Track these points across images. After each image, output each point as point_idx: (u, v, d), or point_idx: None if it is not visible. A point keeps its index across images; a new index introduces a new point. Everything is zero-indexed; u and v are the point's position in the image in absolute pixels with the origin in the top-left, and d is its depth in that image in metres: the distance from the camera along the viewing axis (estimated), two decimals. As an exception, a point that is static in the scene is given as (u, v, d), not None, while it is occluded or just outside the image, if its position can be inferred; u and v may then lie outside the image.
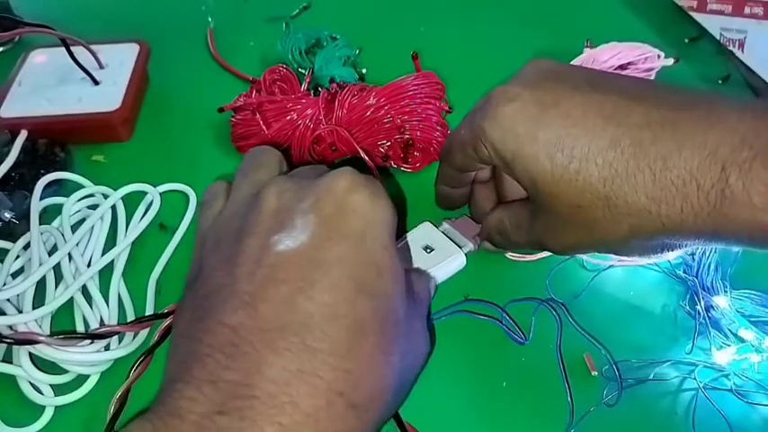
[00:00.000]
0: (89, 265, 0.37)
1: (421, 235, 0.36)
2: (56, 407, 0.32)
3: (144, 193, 0.40)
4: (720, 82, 0.49)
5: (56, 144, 0.43)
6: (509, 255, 0.37)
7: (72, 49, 0.44)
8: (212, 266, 0.26)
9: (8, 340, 0.32)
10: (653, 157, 0.25)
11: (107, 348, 0.34)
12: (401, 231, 0.36)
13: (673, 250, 0.27)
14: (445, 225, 0.37)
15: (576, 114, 0.26)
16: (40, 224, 0.37)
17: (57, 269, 0.36)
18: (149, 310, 0.36)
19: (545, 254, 0.37)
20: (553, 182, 0.27)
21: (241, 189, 0.29)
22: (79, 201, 0.39)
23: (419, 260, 0.35)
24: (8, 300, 0.34)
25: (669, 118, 0.25)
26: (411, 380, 0.28)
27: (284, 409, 0.22)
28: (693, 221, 0.24)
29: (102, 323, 0.35)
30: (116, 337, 0.34)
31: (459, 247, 0.35)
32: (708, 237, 0.25)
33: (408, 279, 0.28)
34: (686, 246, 0.27)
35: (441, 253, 0.35)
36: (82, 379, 0.33)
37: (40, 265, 0.35)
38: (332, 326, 0.23)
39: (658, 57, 0.46)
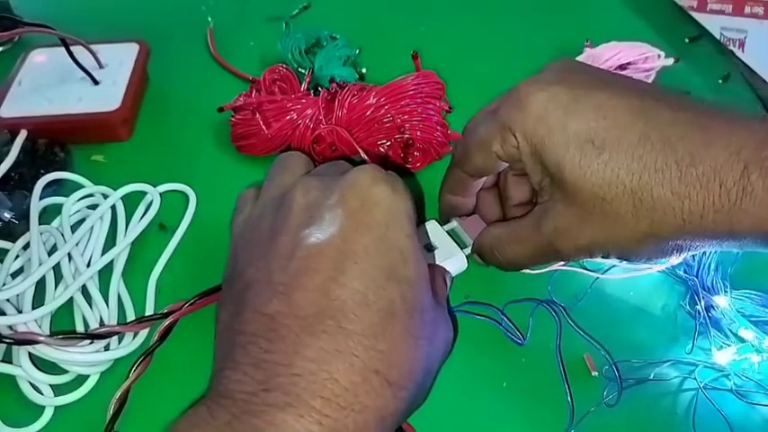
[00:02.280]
0: (89, 265, 0.36)
1: (426, 232, 0.36)
2: (56, 407, 0.32)
3: (144, 193, 0.40)
4: (720, 82, 0.49)
5: (55, 144, 0.43)
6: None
7: (72, 48, 0.44)
8: (247, 263, 0.28)
9: (8, 340, 0.32)
10: (681, 154, 0.25)
11: (107, 348, 0.34)
12: (418, 223, 0.36)
13: (681, 253, 0.27)
14: (453, 222, 0.37)
15: (606, 107, 0.27)
16: (40, 224, 0.37)
17: (56, 269, 0.36)
18: (149, 310, 0.36)
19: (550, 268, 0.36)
20: (581, 172, 0.27)
21: (269, 191, 0.31)
22: (79, 201, 0.39)
23: None
24: (8, 300, 0.34)
25: (696, 119, 0.26)
26: (437, 365, 0.29)
27: (325, 384, 0.23)
28: (713, 219, 0.25)
29: (101, 323, 0.35)
30: (116, 337, 0.34)
31: (462, 248, 0.35)
32: (723, 236, 0.25)
33: (429, 270, 0.29)
34: (698, 248, 0.27)
35: (442, 253, 0.35)
36: (82, 379, 0.33)
37: (40, 265, 0.35)
38: (364, 310, 0.25)
39: (658, 56, 0.46)
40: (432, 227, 0.36)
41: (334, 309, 0.25)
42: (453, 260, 0.34)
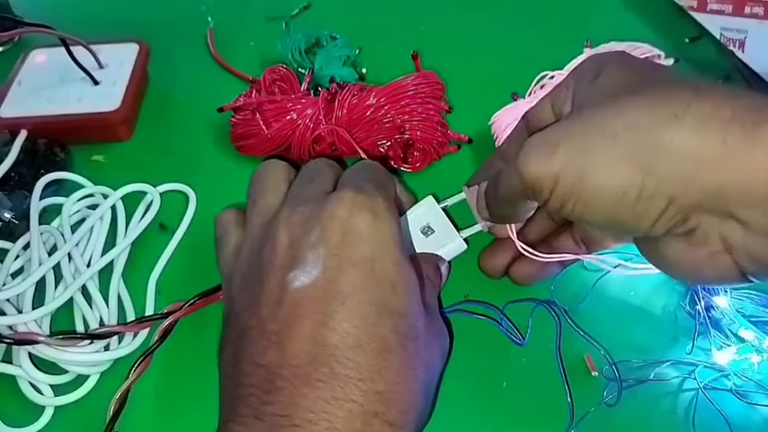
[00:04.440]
0: (89, 266, 0.37)
1: (423, 213, 0.35)
2: (56, 407, 0.32)
3: (144, 193, 0.40)
4: (720, 82, 0.49)
5: (55, 144, 0.43)
6: (519, 244, 0.33)
7: (72, 48, 0.44)
8: (241, 307, 0.28)
9: (8, 340, 0.32)
10: (692, 110, 0.23)
11: (107, 348, 0.34)
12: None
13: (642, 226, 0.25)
14: (465, 193, 0.35)
15: (630, 70, 0.27)
16: (40, 224, 0.37)
17: (56, 269, 0.36)
18: (149, 310, 0.36)
19: (557, 256, 0.34)
20: (589, 105, 0.27)
21: (254, 219, 0.30)
22: (79, 201, 0.39)
23: (416, 246, 0.34)
24: (8, 300, 0.34)
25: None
26: (436, 382, 0.29)
27: None
28: (727, 157, 0.22)
29: (101, 323, 0.35)
30: (116, 337, 0.34)
31: (459, 230, 0.34)
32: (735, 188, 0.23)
33: (416, 266, 0.29)
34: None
35: (438, 238, 0.34)
36: (82, 379, 0.33)
37: (40, 265, 0.35)
38: (357, 353, 0.25)
39: (658, 57, 0.46)
40: (428, 206, 0.35)
41: (327, 355, 0.24)
42: (451, 246, 0.34)
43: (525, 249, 0.33)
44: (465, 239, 0.34)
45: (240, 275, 0.29)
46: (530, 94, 0.45)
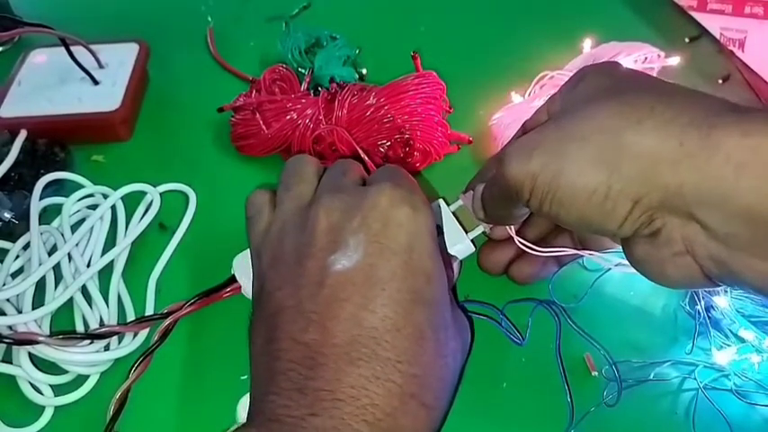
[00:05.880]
0: (89, 266, 0.36)
1: (439, 211, 0.35)
2: (55, 407, 0.32)
3: (144, 193, 0.40)
4: (720, 82, 0.49)
5: (55, 144, 0.43)
6: (517, 239, 0.33)
7: (72, 48, 0.44)
8: (275, 286, 0.28)
9: (8, 340, 0.32)
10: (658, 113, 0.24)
11: (107, 348, 0.34)
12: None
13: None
14: (459, 201, 0.35)
15: (606, 78, 0.28)
16: (40, 224, 0.37)
17: (56, 269, 0.36)
18: (149, 310, 0.36)
19: (555, 251, 0.33)
20: (568, 106, 0.28)
21: (286, 203, 0.31)
22: (79, 201, 0.39)
23: None
24: (8, 300, 0.34)
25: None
26: (459, 373, 0.30)
27: (367, 409, 0.24)
28: (684, 158, 0.23)
29: (101, 323, 0.35)
30: (116, 337, 0.34)
31: (467, 232, 0.34)
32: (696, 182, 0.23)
33: (445, 259, 0.30)
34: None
35: (449, 238, 0.34)
36: (82, 379, 0.33)
37: (40, 265, 0.35)
38: (395, 336, 0.26)
39: (658, 56, 0.46)
40: (440, 207, 0.35)
41: (368, 337, 0.25)
42: (460, 247, 0.34)
43: (524, 244, 0.33)
44: (472, 241, 0.34)
45: (270, 252, 0.29)
46: (529, 95, 0.45)
